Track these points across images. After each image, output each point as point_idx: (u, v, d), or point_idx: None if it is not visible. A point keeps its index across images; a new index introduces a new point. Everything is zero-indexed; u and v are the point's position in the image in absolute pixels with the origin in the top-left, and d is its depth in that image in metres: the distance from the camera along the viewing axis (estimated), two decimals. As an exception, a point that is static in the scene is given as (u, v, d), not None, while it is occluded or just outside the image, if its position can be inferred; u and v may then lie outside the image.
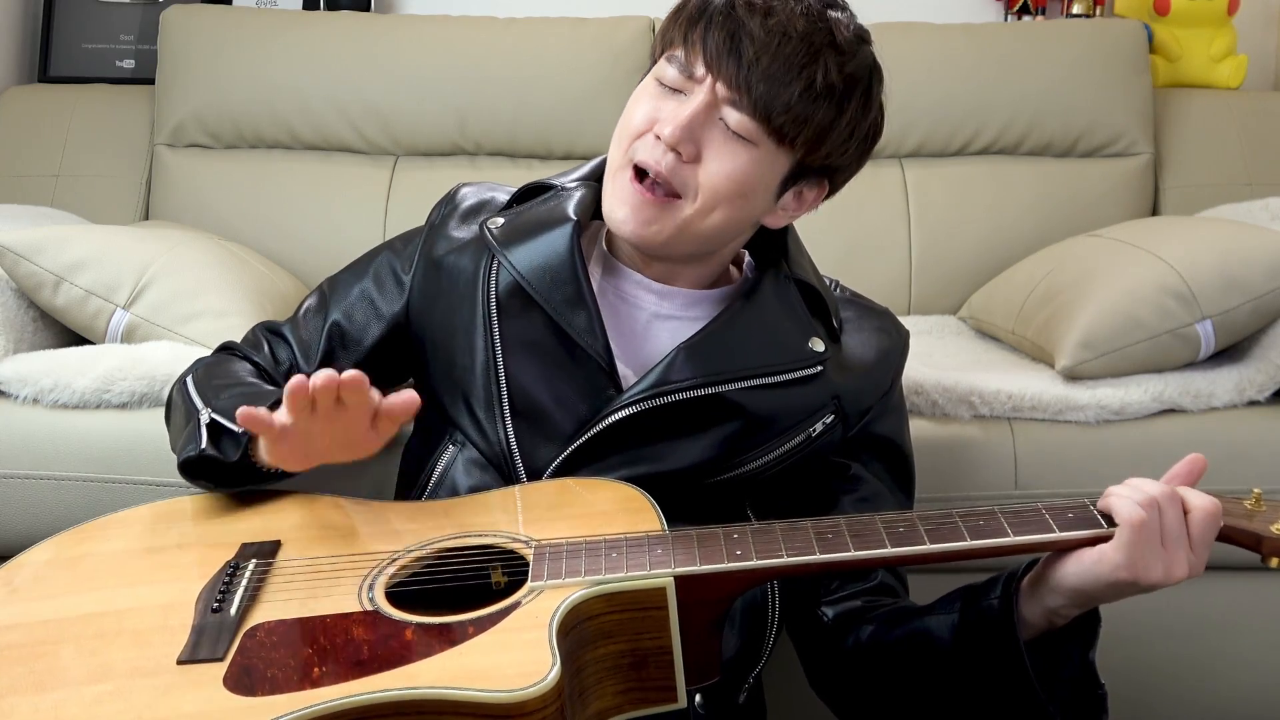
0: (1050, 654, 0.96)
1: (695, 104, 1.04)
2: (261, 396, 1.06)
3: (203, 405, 1.08)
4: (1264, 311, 1.51)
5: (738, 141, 1.04)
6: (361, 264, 1.24)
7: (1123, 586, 0.91)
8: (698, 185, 1.05)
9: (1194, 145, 2.18)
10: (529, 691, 0.78)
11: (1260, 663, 1.51)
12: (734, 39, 1.03)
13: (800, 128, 1.04)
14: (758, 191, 1.08)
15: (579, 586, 0.87)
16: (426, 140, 2.16)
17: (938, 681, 1.02)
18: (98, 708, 0.79)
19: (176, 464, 1.06)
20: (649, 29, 2.19)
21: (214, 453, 1.04)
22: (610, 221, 1.09)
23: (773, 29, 1.02)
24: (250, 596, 0.91)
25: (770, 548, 0.92)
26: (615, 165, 1.09)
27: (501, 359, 1.11)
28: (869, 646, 1.07)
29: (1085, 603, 0.94)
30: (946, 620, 1.01)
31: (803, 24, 1.03)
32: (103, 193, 2.14)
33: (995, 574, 1.00)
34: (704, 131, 1.04)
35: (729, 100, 1.04)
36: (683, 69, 1.05)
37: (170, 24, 2.18)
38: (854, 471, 1.16)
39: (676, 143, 1.03)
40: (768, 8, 1.03)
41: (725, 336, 1.09)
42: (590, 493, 1.02)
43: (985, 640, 0.97)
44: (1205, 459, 0.96)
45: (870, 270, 2.06)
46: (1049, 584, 0.94)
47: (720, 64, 1.03)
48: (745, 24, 1.03)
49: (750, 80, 1.02)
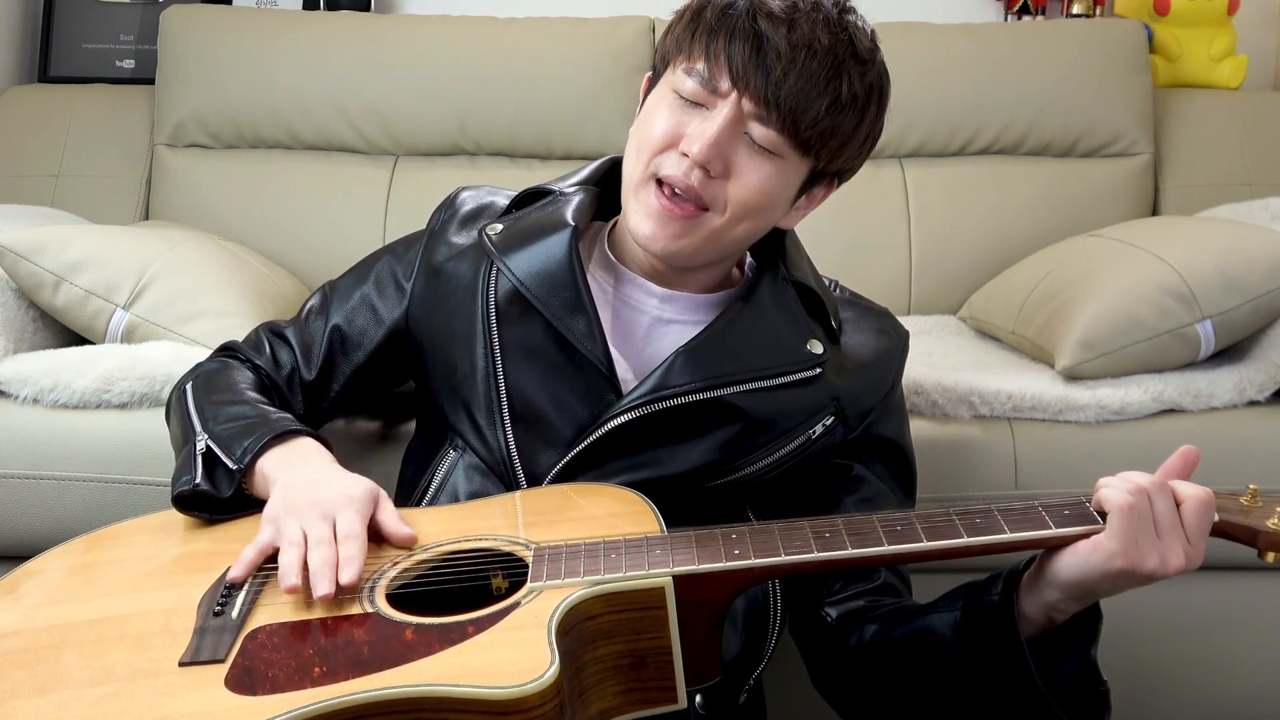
0: (1052, 651, 0.96)
1: (721, 120, 1.02)
2: (256, 431, 1.06)
3: (200, 428, 1.09)
4: (1264, 311, 1.51)
5: (764, 155, 1.04)
6: (363, 268, 1.24)
7: (1118, 575, 0.90)
8: (726, 199, 1.05)
9: (1194, 145, 2.18)
10: (527, 688, 0.78)
11: (1260, 663, 1.51)
12: (759, 53, 1.01)
13: (826, 140, 1.05)
14: (781, 200, 1.09)
15: (578, 587, 0.88)
16: (426, 140, 2.17)
17: (941, 679, 1.02)
18: (100, 708, 0.79)
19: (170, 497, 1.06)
20: (649, 29, 2.19)
21: (208, 488, 1.04)
22: (637, 237, 1.08)
23: (797, 43, 1.01)
24: (252, 600, 0.91)
25: (768, 547, 0.92)
26: (637, 179, 1.07)
27: (501, 365, 1.11)
28: (871, 646, 1.07)
29: (1083, 596, 0.94)
30: (948, 618, 1.01)
31: (826, 36, 1.02)
32: (103, 193, 2.15)
33: (996, 572, 1.00)
34: (731, 146, 1.03)
35: (755, 115, 1.03)
36: (705, 83, 1.03)
37: (170, 24, 2.18)
38: (856, 473, 1.16)
39: (706, 161, 1.02)
40: (790, 20, 1.02)
41: (723, 340, 1.09)
42: (589, 498, 1.02)
43: (987, 637, 0.97)
44: (1198, 450, 0.96)
45: (870, 270, 2.07)
46: (1046, 578, 0.94)
47: (747, 79, 1.02)
48: (770, 37, 1.01)
49: (779, 96, 1.01)
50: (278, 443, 1.06)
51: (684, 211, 1.05)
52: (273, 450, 1.05)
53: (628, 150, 1.10)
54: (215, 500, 1.04)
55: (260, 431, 1.06)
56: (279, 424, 1.08)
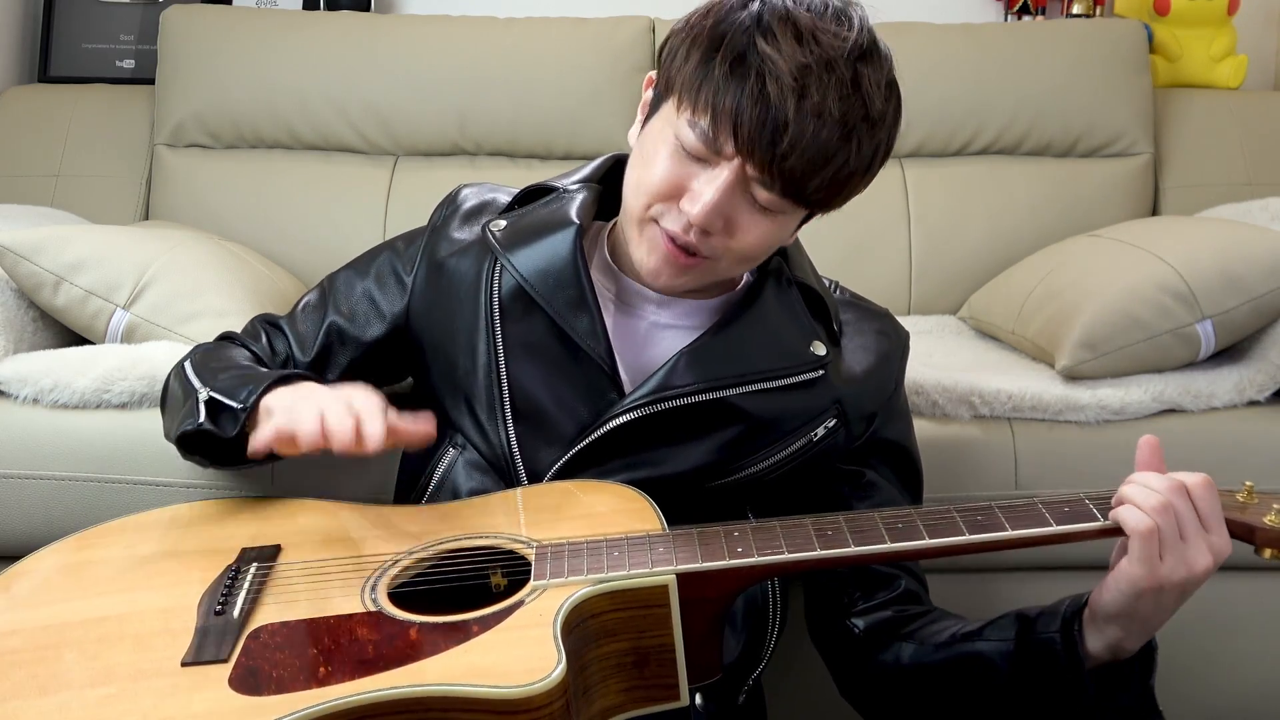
0: (1111, 682, 0.96)
1: (722, 184, 0.99)
2: (259, 379, 1.06)
3: (201, 385, 1.09)
4: (1264, 311, 1.51)
5: (765, 213, 1.03)
6: (363, 262, 1.24)
7: (1151, 595, 0.90)
8: (727, 249, 1.04)
9: (1194, 145, 2.18)
10: (535, 687, 0.78)
11: (1260, 662, 1.51)
12: (767, 125, 0.96)
13: (831, 198, 1.04)
14: (780, 242, 1.09)
15: (582, 585, 0.88)
16: (426, 140, 2.16)
17: (989, 705, 1.02)
18: (103, 709, 0.79)
19: (173, 437, 1.07)
20: (649, 29, 2.19)
21: (212, 428, 1.04)
22: (640, 267, 1.08)
23: (807, 112, 0.96)
24: (253, 599, 0.91)
25: (771, 544, 0.92)
26: (636, 217, 1.06)
27: (504, 361, 1.11)
28: (912, 667, 1.07)
29: (1140, 627, 0.93)
30: (1000, 648, 1.01)
31: (837, 105, 0.97)
32: (103, 193, 2.15)
33: (1051, 604, 0.99)
34: (732, 206, 1.02)
35: (759, 180, 1.00)
36: (708, 142, 0.99)
37: (170, 24, 2.18)
38: (868, 478, 1.15)
39: (705, 225, 1.01)
40: (801, 87, 0.96)
41: (727, 341, 1.09)
42: (590, 495, 1.02)
43: (1045, 671, 0.97)
44: (1156, 438, 0.96)
45: (870, 270, 2.07)
46: (1101, 617, 0.94)
47: (751, 146, 0.97)
48: (780, 108, 0.96)
49: (784, 166, 0.98)
50: (282, 384, 1.06)
51: (686, 262, 1.05)
52: (277, 390, 1.05)
53: (628, 179, 1.08)
54: (218, 442, 1.04)
55: (263, 376, 1.07)
56: (282, 371, 1.09)
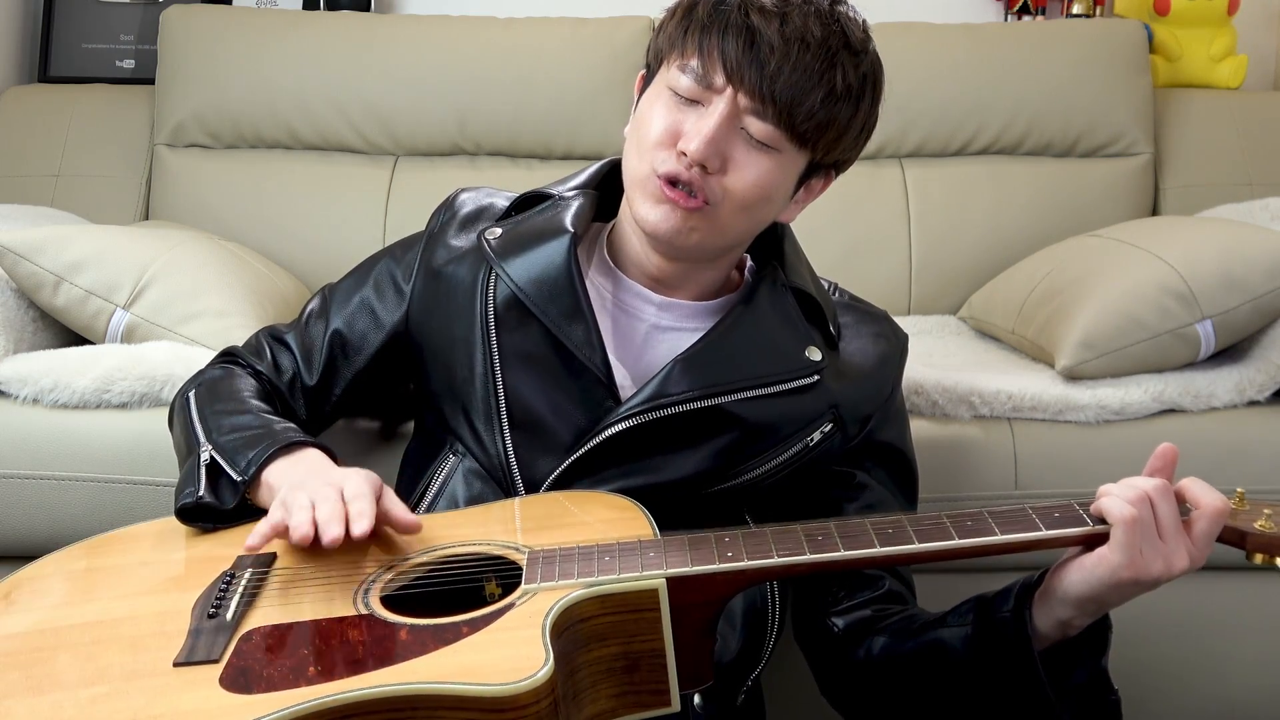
0: (1063, 662, 0.97)
1: (717, 116, 1.02)
2: (261, 442, 1.05)
3: (204, 438, 1.08)
4: (1264, 311, 1.51)
5: (762, 149, 1.04)
6: (362, 271, 1.24)
7: (1125, 586, 0.91)
8: (726, 191, 1.05)
9: (1194, 145, 2.18)
10: (521, 686, 0.78)
11: (1258, 663, 1.51)
12: (753, 48, 1.01)
13: (823, 131, 1.05)
14: (780, 193, 1.09)
15: (572, 588, 0.88)
16: (426, 140, 2.17)
17: (953, 692, 1.03)
18: (95, 708, 0.80)
19: (174, 509, 1.06)
20: (649, 29, 2.18)
21: (211, 500, 1.04)
22: (643, 225, 1.07)
23: (790, 36, 1.01)
24: (247, 602, 0.91)
25: (761, 549, 0.92)
26: (639, 175, 1.07)
27: (500, 371, 1.11)
28: (882, 659, 1.07)
29: (1095, 610, 0.95)
30: (959, 632, 1.01)
31: (818, 28, 1.02)
32: (103, 193, 2.15)
33: (1006, 586, 1.00)
34: (728, 142, 1.03)
35: (751, 110, 1.03)
36: (699, 79, 1.03)
37: (170, 24, 2.19)
38: (859, 480, 1.16)
39: (703, 159, 1.02)
40: (782, 14, 1.02)
41: (721, 347, 1.09)
42: (583, 505, 1.03)
43: (999, 652, 0.97)
44: (1175, 447, 0.97)
45: (870, 270, 2.07)
46: (1057, 595, 0.95)
47: (741, 74, 1.02)
48: (763, 32, 1.01)
49: (774, 90, 1.01)
50: (283, 454, 1.05)
51: (688, 203, 1.04)
52: (278, 461, 1.04)
53: (626, 150, 1.10)
54: (218, 512, 1.04)
55: (265, 443, 1.05)
56: (283, 435, 1.07)
